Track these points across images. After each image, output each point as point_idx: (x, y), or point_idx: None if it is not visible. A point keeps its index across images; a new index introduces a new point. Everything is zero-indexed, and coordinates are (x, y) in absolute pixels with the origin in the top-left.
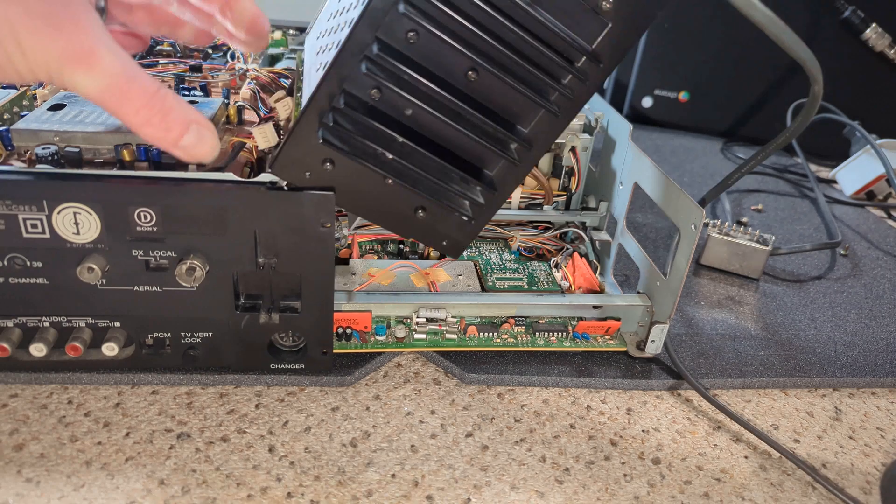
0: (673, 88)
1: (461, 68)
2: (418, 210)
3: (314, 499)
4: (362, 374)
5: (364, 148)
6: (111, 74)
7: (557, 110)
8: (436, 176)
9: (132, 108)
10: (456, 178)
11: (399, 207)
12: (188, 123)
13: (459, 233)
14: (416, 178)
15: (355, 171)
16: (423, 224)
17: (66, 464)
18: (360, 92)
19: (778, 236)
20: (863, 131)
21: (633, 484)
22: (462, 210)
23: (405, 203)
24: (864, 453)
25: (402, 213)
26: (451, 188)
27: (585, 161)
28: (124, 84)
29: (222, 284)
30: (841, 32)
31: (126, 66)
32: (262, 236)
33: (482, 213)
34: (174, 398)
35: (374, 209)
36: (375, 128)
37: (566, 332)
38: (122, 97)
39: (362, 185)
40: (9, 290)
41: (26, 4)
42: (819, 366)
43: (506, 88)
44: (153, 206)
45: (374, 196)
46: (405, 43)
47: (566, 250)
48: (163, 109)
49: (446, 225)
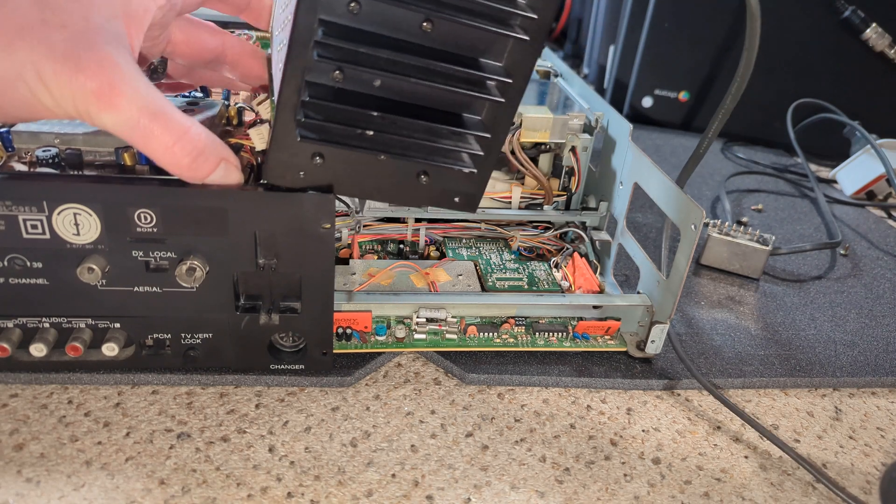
0: (673, 88)
1: (414, 23)
2: (420, 175)
3: (314, 499)
4: (362, 374)
5: (343, 132)
6: (134, 112)
7: (524, 33)
8: (425, 138)
9: (160, 147)
10: (446, 133)
11: (402, 179)
12: (218, 161)
13: (469, 185)
14: (407, 145)
15: (346, 157)
16: (430, 188)
17: (66, 464)
18: (323, 79)
19: (778, 236)
20: (863, 131)
21: (633, 484)
22: (462, 163)
23: (406, 173)
24: (865, 453)
25: (407, 183)
26: (443, 145)
27: (585, 161)
28: (148, 123)
29: (222, 285)
30: (841, 32)
31: (151, 104)
32: (261, 237)
33: (482, 160)
34: (174, 398)
35: (379, 188)
36: (347, 110)
37: (566, 332)
38: (147, 135)
39: (358, 169)
40: (9, 290)
41: (50, 44)
42: (819, 366)
43: (464, 28)
44: (153, 207)
45: (373, 175)
46: (349, 16)
47: (566, 250)
48: (193, 151)
49: (453, 182)
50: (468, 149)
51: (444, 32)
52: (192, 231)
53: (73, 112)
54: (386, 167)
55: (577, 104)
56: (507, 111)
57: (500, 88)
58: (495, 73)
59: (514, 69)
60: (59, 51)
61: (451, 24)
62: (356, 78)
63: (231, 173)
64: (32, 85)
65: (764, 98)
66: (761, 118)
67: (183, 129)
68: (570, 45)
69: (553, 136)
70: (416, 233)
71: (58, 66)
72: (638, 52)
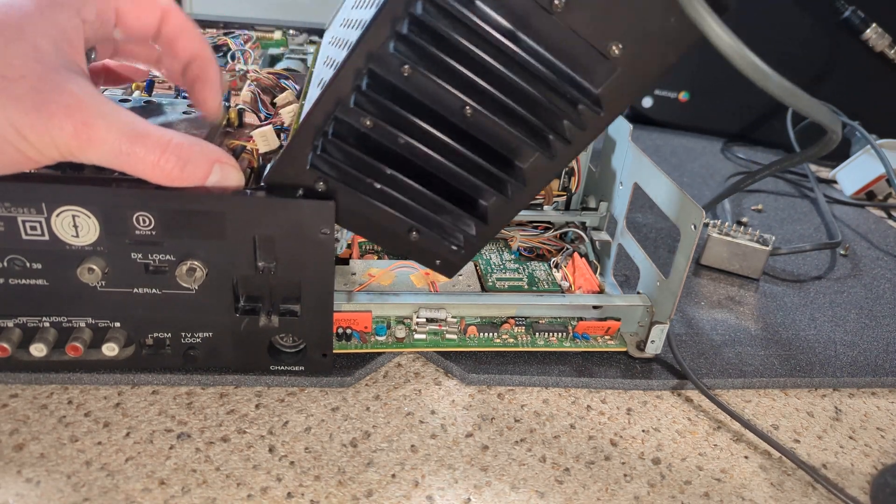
0: (673, 88)
1: (457, 104)
2: (411, 231)
3: (314, 499)
4: (362, 374)
5: (353, 176)
6: (114, 142)
7: (553, 154)
8: (427, 207)
9: (147, 166)
10: (447, 210)
11: (392, 228)
12: (210, 165)
13: (453, 256)
14: (408, 207)
15: (347, 194)
16: (416, 245)
17: (66, 464)
18: (353, 120)
19: (778, 236)
20: (863, 131)
21: (633, 484)
22: (453, 240)
23: (398, 223)
24: (865, 453)
25: (396, 232)
26: (441, 220)
27: (585, 161)
28: (130, 147)
29: (221, 288)
30: (841, 32)
31: (127, 128)
32: (261, 242)
33: (473, 244)
34: (174, 398)
35: (367, 228)
36: (363, 158)
37: (566, 332)
38: (131, 158)
39: (353, 206)
40: (9, 290)
41: (17, 99)
42: (819, 366)
43: (501, 129)
44: (151, 210)
45: (365, 216)
46: (399, 76)
47: (566, 250)
48: (179, 161)
49: (441, 249)
50: (465, 230)
51: (482, 122)
52: (191, 234)
53: (58, 156)
54: (381, 215)
55: None
56: (510, 209)
57: (512, 190)
58: (515, 174)
59: (530, 178)
60: (27, 103)
61: (490, 120)
62: (383, 131)
63: (229, 174)
64: (14, 140)
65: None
66: (761, 118)
67: (164, 143)
68: None
69: None
70: None
71: (31, 119)
72: None
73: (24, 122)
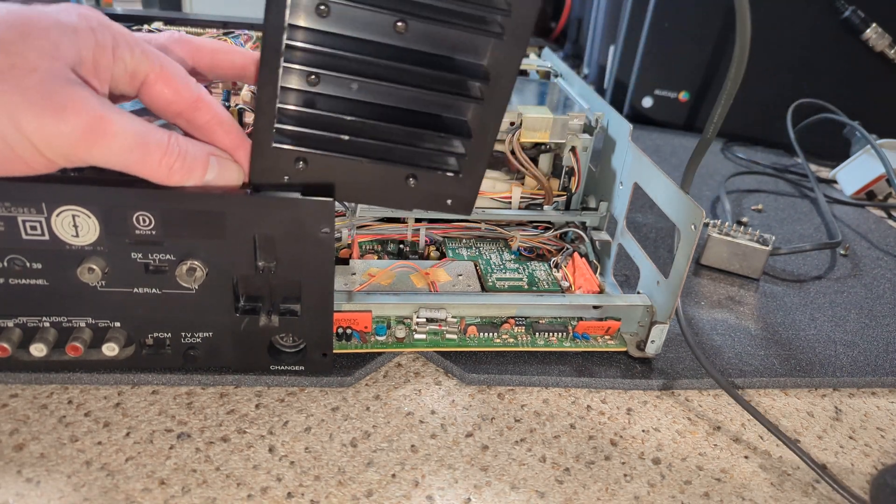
0: (673, 88)
1: (387, 24)
2: (409, 179)
3: (314, 499)
4: (362, 374)
5: (320, 138)
6: (129, 135)
7: (502, 31)
8: (405, 141)
9: (154, 162)
10: (427, 137)
11: (390, 183)
12: (206, 157)
13: (459, 188)
14: (387, 150)
15: (328, 162)
16: (419, 192)
17: (66, 464)
18: (298, 84)
19: (778, 236)
20: (863, 131)
21: (633, 484)
22: (447, 166)
23: (394, 176)
24: (865, 453)
25: (396, 187)
26: (425, 148)
27: (585, 161)
28: (142, 141)
29: (221, 287)
30: (841, 32)
31: (135, 122)
32: (261, 241)
33: (469, 163)
34: (174, 398)
35: (367, 191)
36: (322, 115)
37: (566, 332)
38: (144, 154)
39: (344, 173)
40: (9, 290)
41: (24, 89)
42: (819, 366)
43: (439, 28)
44: (151, 210)
45: (360, 179)
46: (318, 19)
47: (566, 250)
48: (181, 153)
49: (443, 185)
50: (453, 151)
51: (420, 31)
52: (190, 234)
53: (59, 160)
54: (372, 171)
55: (577, 104)
56: (490, 112)
57: (480, 89)
58: (473, 73)
59: (494, 69)
60: (36, 94)
61: (426, 24)
62: (332, 83)
63: (226, 167)
64: (8, 135)
65: (764, 98)
66: (761, 118)
67: (165, 140)
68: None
69: (553, 137)
70: (416, 233)
71: (38, 110)
72: (638, 52)
73: (30, 114)
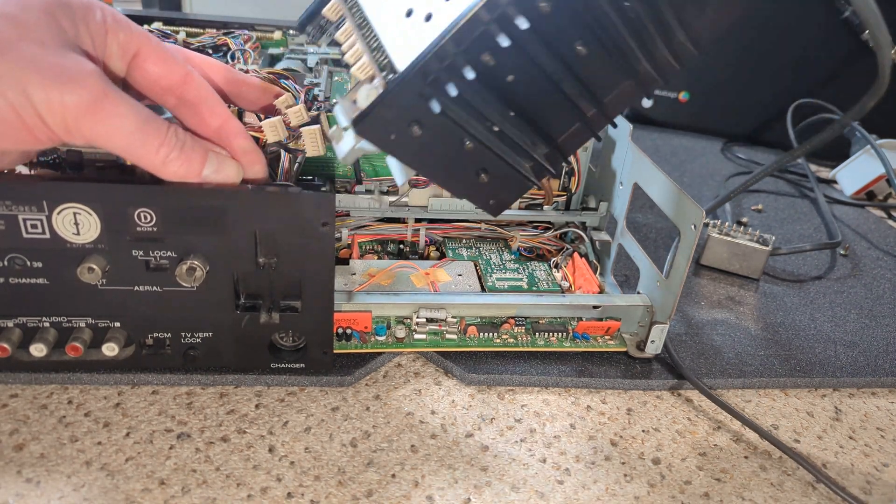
0: (673, 88)
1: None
2: (480, 173)
3: (314, 499)
4: (362, 374)
5: (464, 113)
6: (131, 116)
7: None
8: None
9: (153, 148)
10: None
11: (463, 168)
12: (205, 152)
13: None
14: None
15: (440, 133)
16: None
17: (66, 464)
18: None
19: (778, 236)
20: (863, 131)
21: (633, 484)
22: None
23: (471, 164)
24: (864, 453)
25: (464, 173)
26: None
27: (585, 161)
28: (143, 125)
29: (222, 284)
30: (841, 32)
31: (138, 106)
32: (262, 236)
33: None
34: (174, 398)
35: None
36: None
37: (566, 332)
38: (144, 138)
39: (439, 147)
40: (9, 290)
41: (33, 59)
42: (819, 366)
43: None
44: (152, 206)
45: (443, 156)
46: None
47: (566, 250)
48: (179, 143)
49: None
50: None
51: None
52: (192, 230)
53: (61, 132)
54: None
55: None
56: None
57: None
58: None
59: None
60: (44, 65)
61: (601, 59)
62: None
63: (224, 163)
64: (17, 102)
65: (764, 98)
66: (761, 118)
67: (164, 128)
68: None
69: None
70: (416, 233)
71: (46, 81)
72: None
73: (38, 84)
